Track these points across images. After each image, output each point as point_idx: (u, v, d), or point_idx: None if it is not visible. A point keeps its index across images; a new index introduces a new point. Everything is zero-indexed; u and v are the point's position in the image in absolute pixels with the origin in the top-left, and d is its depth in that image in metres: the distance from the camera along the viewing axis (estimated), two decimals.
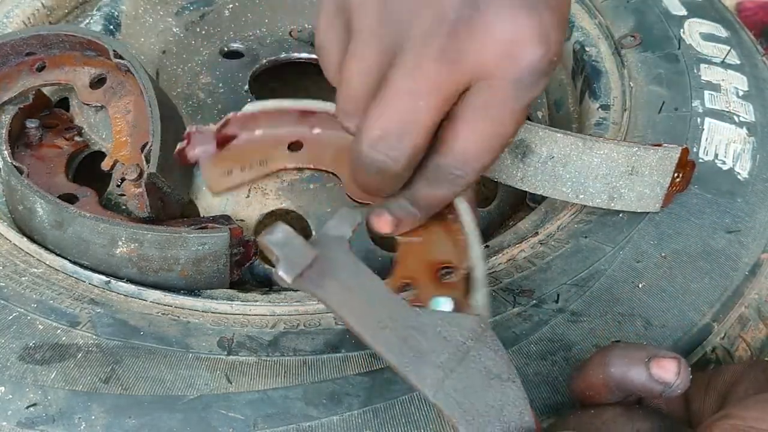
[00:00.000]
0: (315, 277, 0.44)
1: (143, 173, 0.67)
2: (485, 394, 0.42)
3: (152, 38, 0.91)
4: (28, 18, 0.88)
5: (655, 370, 0.45)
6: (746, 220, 0.69)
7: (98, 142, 0.76)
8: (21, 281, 0.62)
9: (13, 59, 0.77)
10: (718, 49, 0.86)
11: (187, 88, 0.88)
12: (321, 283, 0.44)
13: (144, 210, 0.67)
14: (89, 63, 0.76)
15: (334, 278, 0.45)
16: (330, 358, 0.57)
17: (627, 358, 0.46)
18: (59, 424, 0.52)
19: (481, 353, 0.44)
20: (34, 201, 0.65)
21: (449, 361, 0.43)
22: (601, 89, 0.86)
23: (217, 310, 0.61)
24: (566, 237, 0.68)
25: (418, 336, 0.44)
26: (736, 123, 0.78)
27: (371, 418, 0.53)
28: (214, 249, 0.62)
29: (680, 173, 0.67)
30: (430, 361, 0.43)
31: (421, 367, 0.43)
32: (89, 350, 0.56)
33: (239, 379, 0.55)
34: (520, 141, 0.66)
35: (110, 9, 0.90)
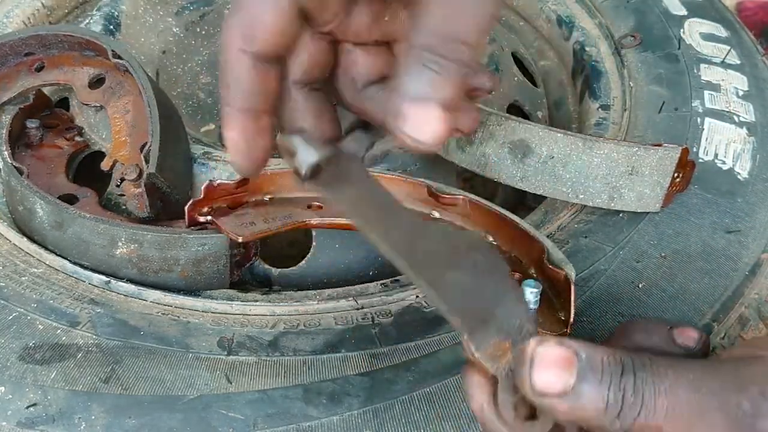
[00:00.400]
0: (329, 179, 0.44)
1: (143, 173, 0.67)
2: (482, 294, 0.43)
3: (152, 38, 0.91)
4: (28, 18, 0.88)
5: (678, 336, 0.45)
6: (746, 220, 0.69)
7: (98, 142, 0.76)
8: (21, 281, 0.62)
9: (12, 59, 0.77)
10: (718, 49, 0.86)
11: (187, 88, 0.88)
12: (335, 186, 0.44)
13: (144, 210, 0.67)
14: (88, 63, 0.76)
15: (348, 183, 0.44)
16: (330, 358, 0.57)
17: (649, 329, 0.46)
18: (59, 424, 0.52)
19: (481, 261, 0.44)
20: (34, 202, 0.65)
21: (451, 264, 0.43)
22: (601, 89, 0.86)
23: (217, 310, 0.61)
24: (566, 237, 0.68)
25: (425, 240, 0.44)
26: (736, 123, 0.78)
27: (371, 418, 0.53)
28: (214, 250, 0.62)
29: (680, 173, 0.67)
30: (434, 262, 0.42)
31: (424, 266, 0.42)
32: (89, 350, 0.56)
33: (239, 379, 0.55)
34: (520, 141, 0.66)
35: (110, 9, 0.90)
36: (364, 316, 0.61)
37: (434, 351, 0.58)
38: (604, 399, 0.39)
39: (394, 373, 0.56)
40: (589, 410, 0.39)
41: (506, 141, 0.66)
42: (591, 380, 0.39)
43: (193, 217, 0.62)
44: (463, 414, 0.53)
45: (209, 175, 0.72)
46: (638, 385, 0.39)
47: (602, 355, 0.40)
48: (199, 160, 0.73)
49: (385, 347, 0.58)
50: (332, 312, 0.62)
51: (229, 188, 0.63)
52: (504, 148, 0.66)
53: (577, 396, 0.39)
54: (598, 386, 0.39)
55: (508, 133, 0.66)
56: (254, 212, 0.63)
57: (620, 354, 0.40)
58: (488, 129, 0.66)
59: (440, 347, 0.58)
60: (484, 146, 0.67)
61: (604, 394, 0.39)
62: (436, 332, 0.59)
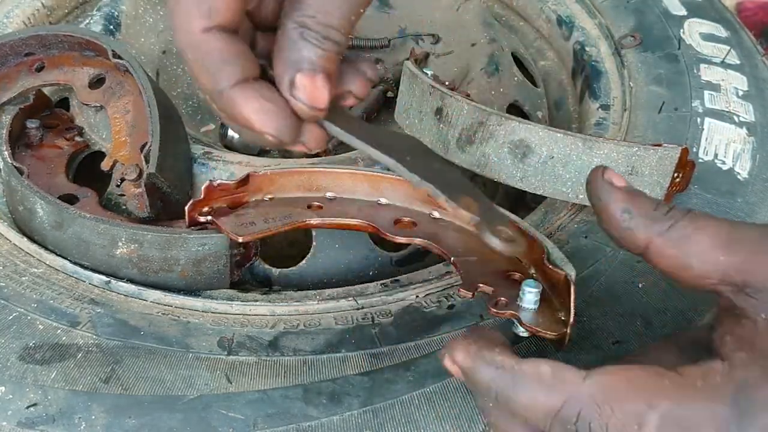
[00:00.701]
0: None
1: (143, 173, 0.67)
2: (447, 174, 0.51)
3: (152, 38, 0.91)
4: (28, 18, 0.88)
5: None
6: (746, 220, 0.69)
7: (98, 142, 0.76)
8: (21, 281, 0.62)
9: (12, 59, 0.77)
10: (718, 49, 0.86)
11: (187, 88, 0.88)
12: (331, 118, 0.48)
13: (144, 210, 0.67)
14: (88, 63, 0.76)
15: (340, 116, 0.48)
16: (330, 358, 0.57)
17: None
18: (59, 424, 0.52)
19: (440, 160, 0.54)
20: (34, 202, 0.65)
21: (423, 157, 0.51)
22: (601, 89, 0.86)
23: (217, 310, 0.61)
24: (566, 237, 0.68)
25: (402, 143, 0.51)
26: (736, 123, 0.78)
27: (371, 418, 0.53)
28: (214, 250, 0.62)
29: (680, 173, 0.67)
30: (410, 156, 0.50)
31: (404, 159, 0.49)
32: (89, 350, 0.56)
33: (239, 379, 0.55)
34: (520, 141, 0.66)
35: (110, 9, 0.90)
36: (364, 316, 0.61)
37: (434, 351, 0.58)
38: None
39: (394, 373, 0.56)
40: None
41: (506, 141, 0.66)
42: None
43: (193, 218, 0.62)
44: (463, 414, 0.53)
45: (209, 175, 0.72)
46: None
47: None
48: (199, 160, 0.73)
49: (385, 347, 0.58)
50: (332, 312, 0.62)
51: (229, 188, 0.63)
52: (504, 148, 0.66)
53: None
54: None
55: (508, 133, 0.66)
56: (254, 212, 0.63)
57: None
58: (488, 129, 0.66)
59: (440, 347, 0.58)
60: (484, 146, 0.67)
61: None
62: (436, 332, 0.59)
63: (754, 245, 0.44)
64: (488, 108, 0.68)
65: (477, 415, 0.53)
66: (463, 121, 0.68)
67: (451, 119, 0.68)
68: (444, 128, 0.69)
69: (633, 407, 0.41)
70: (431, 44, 0.96)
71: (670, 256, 0.45)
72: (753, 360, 0.42)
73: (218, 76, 0.43)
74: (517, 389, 0.43)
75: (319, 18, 0.43)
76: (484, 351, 0.45)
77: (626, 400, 0.41)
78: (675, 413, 0.41)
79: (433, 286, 0.64)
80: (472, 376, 0.45)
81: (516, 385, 0.43)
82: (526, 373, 0.43)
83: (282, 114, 0.44)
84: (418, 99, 0.72)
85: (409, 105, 0.73)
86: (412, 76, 0.73)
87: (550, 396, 0.42)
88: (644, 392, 0.41)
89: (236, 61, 0.43)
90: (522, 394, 0.43)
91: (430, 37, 0.96)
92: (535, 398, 0.43)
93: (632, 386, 0.42)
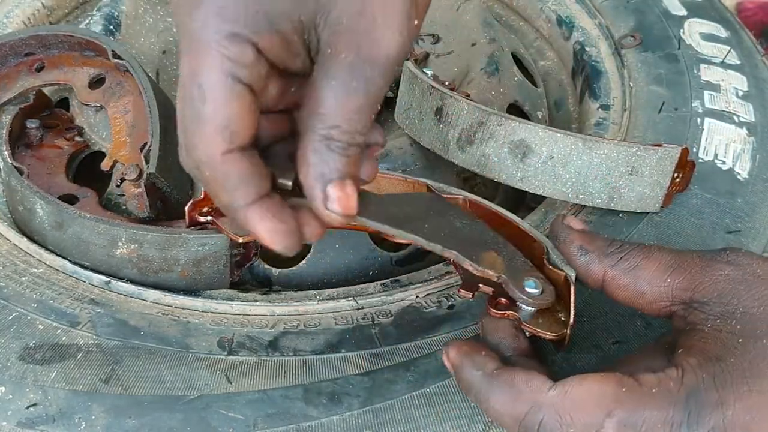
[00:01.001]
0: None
1: (143, 173, 0.67)
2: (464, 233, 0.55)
3: (152, 38, 0.91)
4: (28, 18, 0.88)
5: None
6: (746, 220, 0.69)
7: (98, 142, 0.76)
8: (21, 281, 0.62)
9: (12, 60, 0.77)
10: (718, 49, 0.86)
11: None
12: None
13: (144, 210, 0.67)
14: (88, 63, 0.76)
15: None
16: (330, 358, 0.57)
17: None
18: (59, 424, 0.52)
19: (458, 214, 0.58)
20: (34, 202, 0.65)
21: (435, 218, 0.55)
22: (601, 89, 0.86)
23: (217, 310, 0.61)
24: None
25: (412, 208, 0.55)
26: (735, 123, 0.78)
27: (371, 418, 0.53)
28: (214, 250, 0.62)
29: (680, 173, 0.67)
30: (423, 221, 0.54)
31: (416, 227, 0.52)
32: (89, 350, 0.56)
33: (239, 379, 0.55)
34: (520, 141, 0.66)
35: (110, 9, 0.90)
36: (364, 316, 0.61)
37: (434, 351, 0.58)
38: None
39: (394, 373, 0.56)
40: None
41: (506, 141, 0.66)
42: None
43: (193, 217, 0.62)
44: (463, 414, 0.53)
45: None
46: None
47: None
48: None
49: (385, 347, 0.58)
50: (332, 312, 0.62)
51: None
52: (504, 148, 0.66)
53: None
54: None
55: (508, 133, 0.66)
56: None
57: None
58: (488, 129, 0.66)
59: (440, 347, 0.58)
60: (484, 146, 0.67)
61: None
62: (436, 332, 0.59)
63: (695, 266, 0.50)
64: (488, 108, 0.68)
65: (477, 415, 0.53)
66: (463, 121, 0.68)
67: (451, 119, 0.68)
68: (444, 128, 0.69)
69: (591, 417, 0.45)
70: (431, 44, 0.96)
71: (624, 286, 0.51)
72: (701, 365, 0.45)
73: (235, 195, 0.44)
74: (490, 393, 0.48)
75: (344, 127, 0.44)
76: (473, 353, 0.50)
77: (585, 409, 0.45)
78: (630, 420, 0.44)
79: (433, 286, 0.64)
80: (458, 374, 0.50)
81: (490, 389, 0.48)
82: (500, 379, 0.47)
83: (291, 234, 0.46)
84: (418, 99, 0.72)
85: (409, 105, 0.73)
86: (412, 76, 0.73)
87: (517, 403, 0.46)
88: (602, 401, 0.45)
89: (252, 181, 0.44)
90: (493, 398, 0.47)
91: (430, 37, 0.96)
92: (504, 403, 0.47)
93: (591, 396, 0.45)
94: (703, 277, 0.49)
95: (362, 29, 0.42)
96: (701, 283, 0.49)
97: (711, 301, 0.49)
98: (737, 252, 0.50)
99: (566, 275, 0.52)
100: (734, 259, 0.50)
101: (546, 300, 0.52)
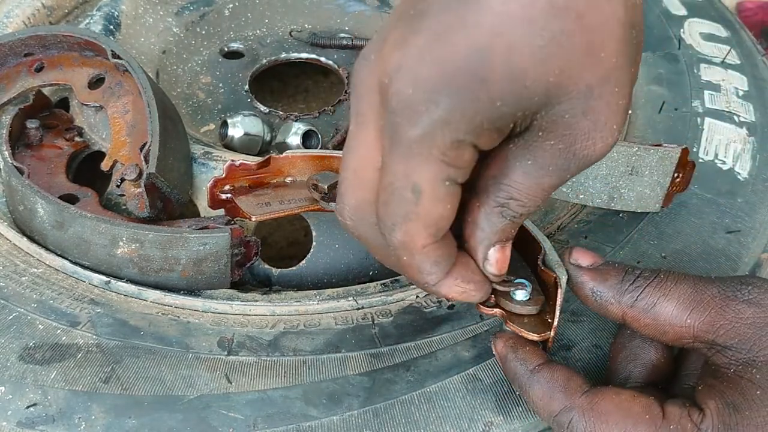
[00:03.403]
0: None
1: (143, 173, 0.67)
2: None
3: (152, 38, 0.91)
4: (28, 18, 0.88)
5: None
6: (746, 220, 0.69)
7: (98, 142, 0.76)
8: (21, 281, 0.62)
9: (12, 60, 0.77)
10: (718, 49, 0.86)
11: (187, 88, 0.88)
12: None
13: (144, 210, 0.67)
14: (87, 63, 0.76)
15: None
16: (330, 358, 0.57)
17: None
18: (59, 424, 0.52)
19: None
20: (34, 201, 0.65)
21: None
22: None
23: (217, 310, 0.61)
24: (566, 237, 0.68)
25: None
26: (736, 123, 0.78)
27: (371, 418, 0.53)
28: (215, 249, 0.62)
29: (680, 173, 0.67)
30: None
31: None
32: (89, 350, 0.56)
33: (239, 379, 0.55)
34: None
35: (110, 9, 0.90)
36: (364, 316, 0.61)
37: (434, 351, 0.58)
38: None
39: (394, 373, 0.56)
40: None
41: None
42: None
43: (214, 194, 0.62)
44: (463, 414, 0.53)
45: (209, 174, 0.72)
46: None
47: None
48: (199, 160, 0.73)
49: (385, 347, 0.58)
50: (332, 312, 0.62)
51: (250, 169, 0.63)
52: None
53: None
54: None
55: None
56: (273, 193, 0.62)
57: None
58: None
59: (440, 347, 0.58)
60: None
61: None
62: (436, 332, 0.59)
63: (716, 303, 0.49)
64: None
65: (477, 414, 0.53)
66: None
67: None
68: None
69: (613, 429, 0.47)
70: None
71: (645, 325, 0.50)
72: (719, 411, 0.46)
73: (429, 277, 0.47)
74: (532, 386, 0.51)
75: (523, 201, 0.45)
76: (519, 346, 0.52)
77: (609, 421, 0.47)
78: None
79: None
80: (504, 364, 0.53)
81: (531, 383, 0.51)
82: (540, 375, 0.50)
83: (481, 286, 0.49)
84: None
85: None
86: None
87: (552, 401, 0.50)
88: (627, 419, 0.47)
89: (446, 261, 0.46)
90: (532, 392, 0.51)
91: None
92: (542, 398, 0.50)
93: (618, 411, 0.48)
94: (724, 319, 0.48)
95: (582, 128, 0.42)
96: (722, 326, 0.48)
97: (733, 346, 0.48)
98: (759, 287, 0.49)
99: (556, 278, 0.52)
100: (756, 298, 0.48)
101: (530, 308, 0.52)
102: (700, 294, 0.49)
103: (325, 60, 0.93)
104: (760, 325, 0.47)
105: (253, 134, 0.81)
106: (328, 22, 0.97)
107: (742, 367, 0.47)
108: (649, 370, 0.53)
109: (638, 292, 0.50)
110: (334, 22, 0.97)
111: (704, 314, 0.48)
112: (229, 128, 0.81)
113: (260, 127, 0.82)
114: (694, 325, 0.48)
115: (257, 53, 0.93)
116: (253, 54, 0.93)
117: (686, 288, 0.49)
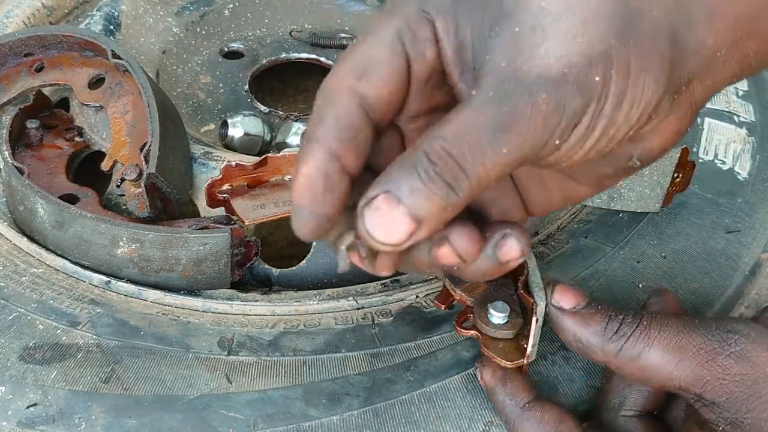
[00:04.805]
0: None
1: (143, 173, 0.67)
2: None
3: (152, 38, 0.91)
4: (28, 18, 0.88)
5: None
6: (746, 220, 0.69)
7: (99, 142, 0.76)
8: (21, 281, 0.62)
9: (12, 60, 0.77)
10: None
11: (187, 88, 0.88)
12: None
13: (144, 210, 0.67)
14: (87, 63, 0.76)
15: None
16: (330, 358, 0.57)
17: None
18: (59, 424, 0.52)
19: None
20: (35, 201, 0.65)
21: None
22: None
23: (217, 310, 0.61)
24: (566, 237, 0.68)
25: None
26: (735, 123, 0.78)
27: (371, 418, 0.53)
28: (215, 249, 0.62)
29: (680, 173, 0.67)
30: None
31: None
32: (89, 350, 0.56)
33: (239, 379, 0.55)
34: None
35: (110, 9, 0.90)
36: (364, 316, 0.61)
37: (434, 351, 0.58)
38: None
39: (394, 373, 0.56)
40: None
41: None
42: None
43: (212, 194, 0.62)
44: (463, 414, 0.53)
45: (209, 175, 0.72)
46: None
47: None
48: (199, 160, 0.73)
49: (385, 347, 0.58)
50: (332, 312, 0.62)
51: (247, 169, 0.63)
52: None
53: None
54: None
55: None
56: (270, 194, 0.63)
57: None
58: None
59: (440, 347, 0.58)
60: None
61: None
62: (436, 332, 0.59)
63: (701, 357, 0.46)
64: None
65: (477, 414, 0.53)
66: None
67: None
68: None
69: None
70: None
71: (630, 373, 0.48)
72: None
73: (319, 129, 0.39)
74: (522, 424, 0.50)
75: (449, 145, 0.37)
76: (507, 379, 0.51)
77: None
78: None
79: (433, 286, 0.64)
80: (491, 396, 0.52)
81: (521, 421, 0.50)
82: (530, 414, 0.50)
83: (320, 201, 0.41)
84: None
85: None
86: None
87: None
88: None
89: (348, 128, 0.39)
90: (522, 429, 0.50)
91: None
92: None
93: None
94: (711, 375, 0.46)
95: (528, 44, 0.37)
96: (709, 382, 0.46)
97: (720, 404, 0.46)
98: (745, 336, 0.46)
99: (532, 303, 0.50)
100: (742, 351, 0.46)
101: (506, 332, 0.51)
102: (685, 343, 0.47)
103: (325, 60, 0.93)
104: (747, 383, 0.45)
105: (253, 134, 0.81)
106: (328, 22, 0.97)
107: (731, 426, 0.45)
108: (645, 397, 0.51)
109: (622, 341, 0.47)
110: (334, 22, 0.97)
111: (690, 367, 0.46)
112: (229, 128, 0.81)
113: (260, 127, 0.82)
114: (681, 377, 0.46)
115: (257, 53, 0.93)
116: (253, 54, 0.93)
117: (671, 336, 0.47)
